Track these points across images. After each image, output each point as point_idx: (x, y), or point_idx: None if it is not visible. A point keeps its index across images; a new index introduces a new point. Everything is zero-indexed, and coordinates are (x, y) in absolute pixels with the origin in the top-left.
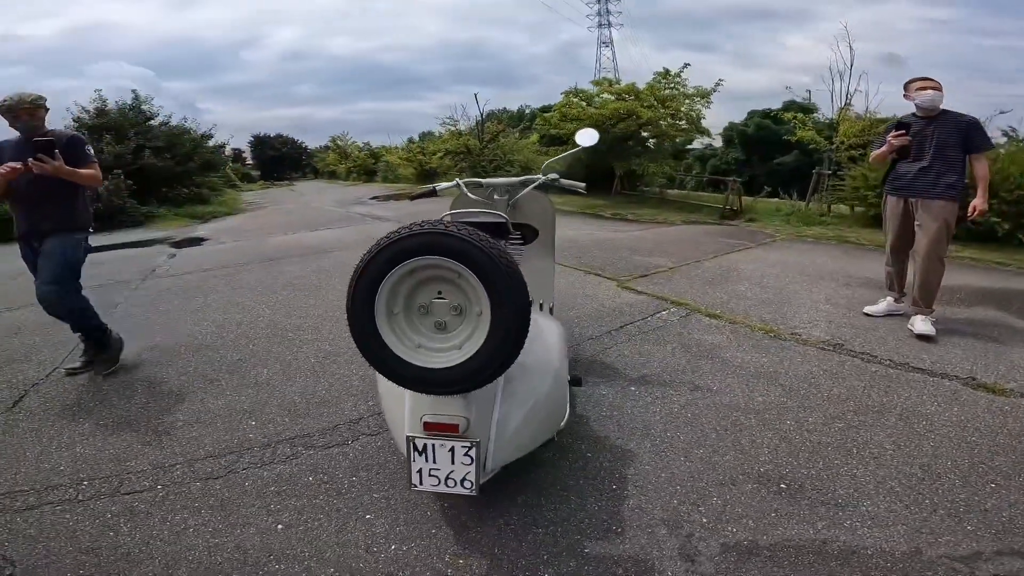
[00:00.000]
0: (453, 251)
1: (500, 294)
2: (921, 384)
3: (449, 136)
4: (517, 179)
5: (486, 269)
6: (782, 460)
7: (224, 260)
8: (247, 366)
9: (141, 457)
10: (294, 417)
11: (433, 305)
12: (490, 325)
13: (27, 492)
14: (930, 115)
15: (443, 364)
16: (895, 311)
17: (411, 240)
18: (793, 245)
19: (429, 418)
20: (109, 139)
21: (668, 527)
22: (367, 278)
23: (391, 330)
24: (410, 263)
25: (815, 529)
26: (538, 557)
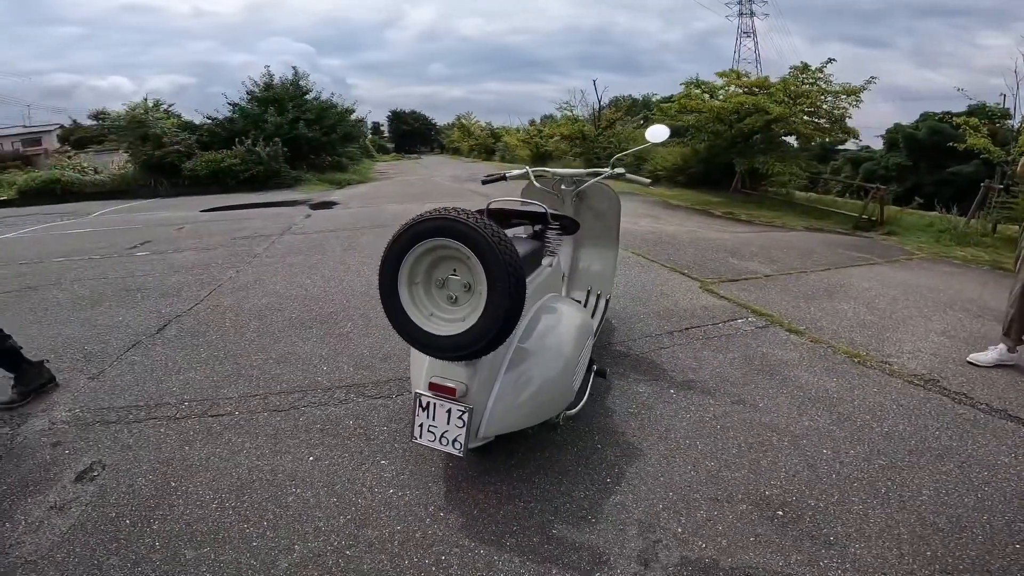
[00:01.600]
0: (461, 235)
1: (495, 277)
2: (1010, 435)
3: (565, 121)
4: (584, 171)
5: (485, 253)
6: (795, 487)
7: (346, 223)
8: (336, 319)
9: (234, 386)
10: (358, 368)
11: (448, 281)
12: (484, 303)
13: (141, 407)
14: None
15: (447, 332)
16: (1006, 361)
17: (430, 223)
18: (933, 266)
19: (435, 379)
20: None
21: (640, 528)
22: (395, 251)
23: (411, 298)
24: (428, 242)
25: (786, 562)
26: (508, 527)
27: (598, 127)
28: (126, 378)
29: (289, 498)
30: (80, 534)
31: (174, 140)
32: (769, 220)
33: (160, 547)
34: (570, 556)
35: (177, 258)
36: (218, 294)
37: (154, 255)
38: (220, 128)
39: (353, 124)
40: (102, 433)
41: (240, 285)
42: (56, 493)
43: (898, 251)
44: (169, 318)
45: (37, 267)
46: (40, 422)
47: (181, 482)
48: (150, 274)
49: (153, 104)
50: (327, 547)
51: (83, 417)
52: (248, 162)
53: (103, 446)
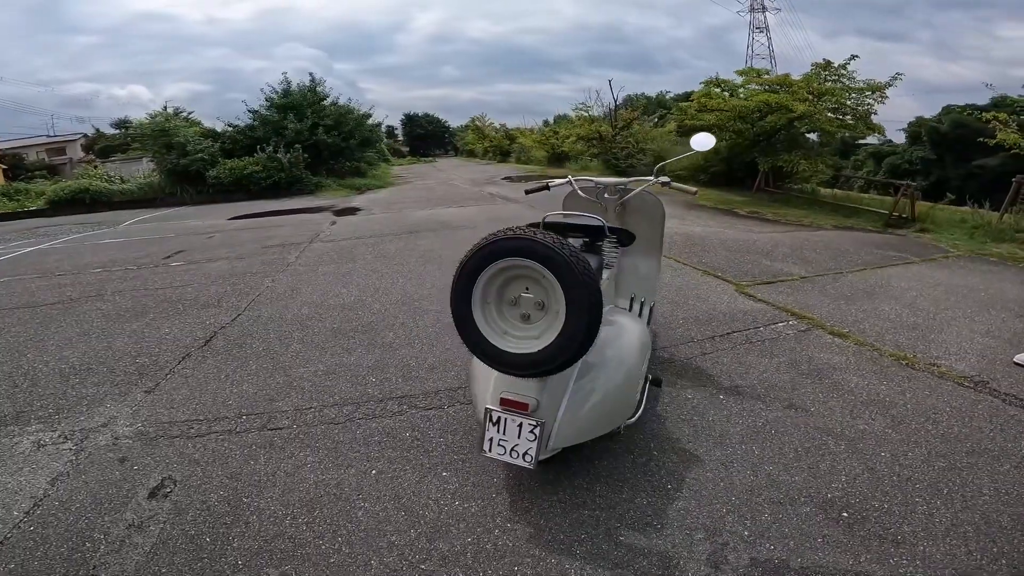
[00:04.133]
0: (540, 256)
1: (574, 297)
2: None
3: (581, 122)
4: (628, 180)
5: (565, 276)
6: (856, 490)
7: (372, 230)
8: (377, 328)
9: (287, 399)
10: (406, 379)
11: (521, 299)
12: (563, 324)
13: (201, 421)
14: None
15: (521, 350)
16: None
17: (507, 243)
18: (971, 264)
19: (506, 395)
20: (292, 117)
21: (706, 532)
22: (468, 270)
23: (483, 316)
24: (503, 262)
25: (856, 561)
26: (576, 535)
27: (615, 127)
28: (182, 392)
29: (359, 512)
30: (164, 553)
31: (198, 148)
32: (797, 219)
33: (243, 565)
34: (640, 561)
35: (212, 267)
36: (258, 304)
37: (190, 265)
38: (242, 135)
39: (371, 129)
40: (167, 448)
41: (278, 295)
42: (132, 511)
43: (934, 249)
44: (214, 329)
45: (76, 278)
46: (103, 438)
47: (253, 498)
48: (189, 284)
49: (174, 112)
50: (402, 562)
51: (146, 432)
52: (270, 169)
53: (171, 461)
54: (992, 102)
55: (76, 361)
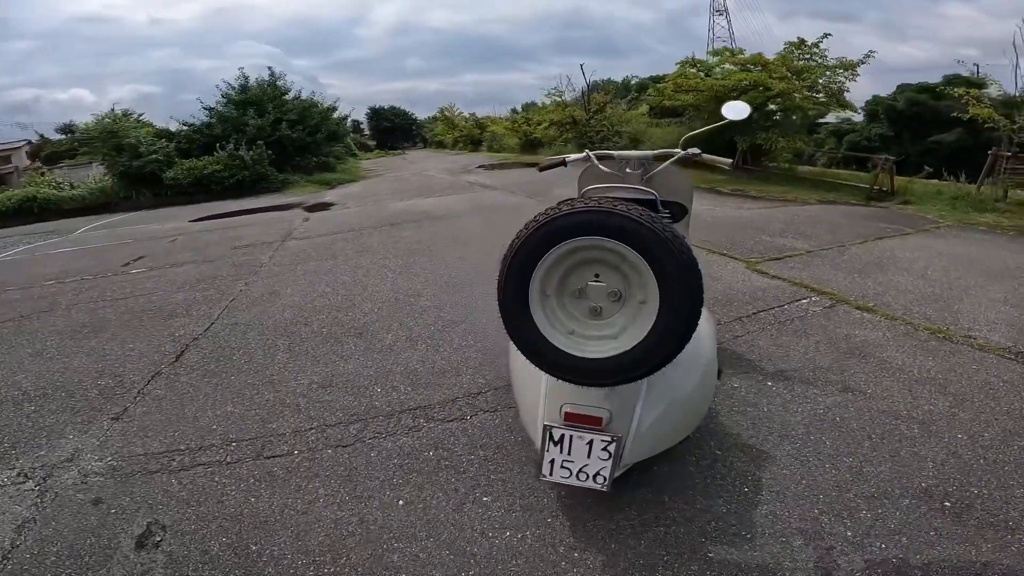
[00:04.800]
0: (623, 233)
1: (672, 285)
2: None
3: (554, 107)
4: (652, 152)
5: (659, 256)
6: (948, 476)
7: (349, 224)
8: (373, 330)
9: (282, 419)
10: (415, 387)
11: (589, 288)
12: (656, 317)
13: (183, 451)
14: None
15: (596, 354)
16: None
17: (576, 217)
18: (964, 234)
19: (570, 408)
20: (252, 113)
21: (805, 537)
22: (524, 255)
23: (543, 313)
24: (572, 242)
25: (977, 551)
26: (656, 557)
27: (588, 111)
28: (155, 416)
29: (394, 556)
30: None
31: (151, 149)
32: (780, 195)
33: None
34: None
35: (177, 273)
36: (233, 310)
37: (152, 271)
38: (198, 134)
39: (337, 123)
40: (147, 486)
41: (254, 299)
42: (119, 566)
43: (922, 220)
44: (186, 342)
45: (28, 292)
46: (69, 475)
47: (263, 544)
48: (153, 292)
49: (122, 114)
50: None
51: (120, 467)
52: (232, 167)
53: (154, 502)
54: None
55: (30, 386)
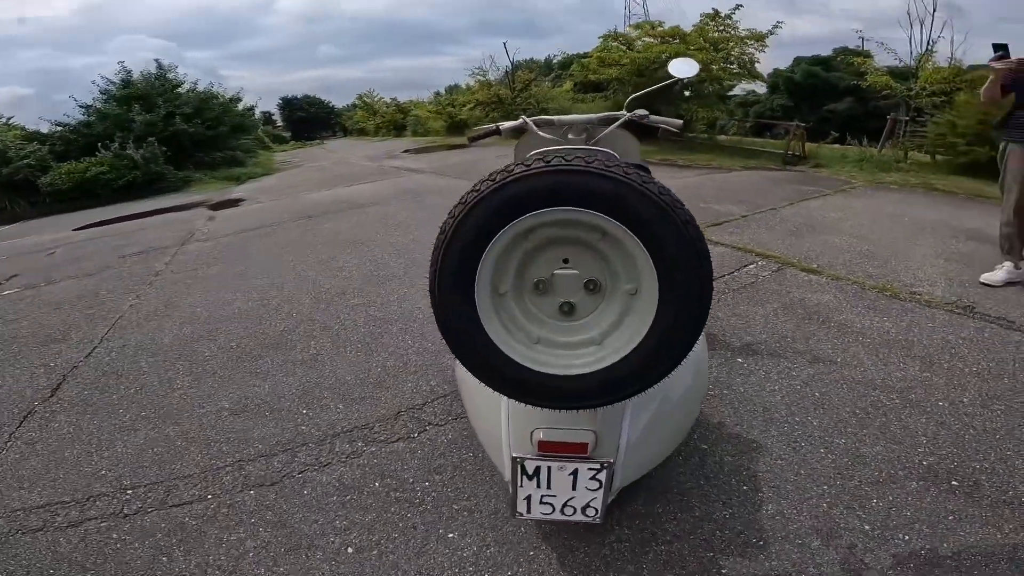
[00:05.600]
0: (603, 199)
1: (675, 267)
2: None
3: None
4: (597, 115)
5: (656, 229)
6: (945, 451)
7: (262, 220)
8: (292, 338)
9: (186, 457)
10: (349, 403)
11: (555, 279)
12: (656, 312)
13: (68, 504)
14: None
15: (575, 368)
16: (1015, 279)
17: (535, 181)
18: (876, 193)
19: (545, 434)
20: (138, 108)
21: (822, 537)
22: (464, 242)
23: (498, 318)
24: (530, 217)
25: (1003, 533)
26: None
27: (514, 90)
28: (31, 464)
29: None
30: None
31: (21, 154)
32: (706, 163)
33: None
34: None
35: (54, 291)
36: (120, 330)
37: (25, 291)
38: (75, 135)
39: (242, 114)
40: (29, 547)
41: (147, 314)
42: None
43: (838, 181)
44: (63, 372)
45: None
46: None
47: None
48: (24, 317)
49: None
50: None
51: None
52: (120, 168)
53: (42, 567)
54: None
55: None
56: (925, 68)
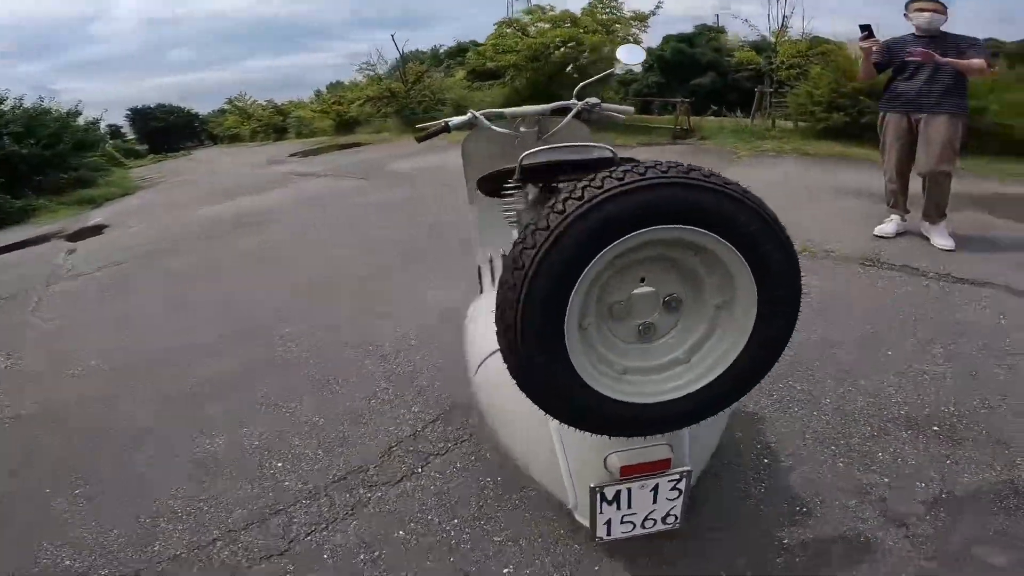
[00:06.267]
0: (715, 217)
1: (777, 282)
2: (972, 297)
3: (369, 82)
4: (548, 106)
5: (764, 247)
6: (913, 399)
7: (140, 247)
8: (229, 384)
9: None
10: (328, 447)
11: (633, 299)
12: (754, 326)
13: None
14: (931, 35)
15: (667, 393)
16: (904, 229)
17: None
18: (761, 160)
19: (624, 458)
20: None
21: (856, 496)
22: (549, 277)
23: (586, 358)
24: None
25: (994, 471)
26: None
27: (407, 83)
28: None
29: None
30: None
31: None
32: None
33: None
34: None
35: None
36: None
37: None
38: None
39: (85, 129)
40: None
41: (31, 375)
42: None
43: (725, 152)
44: None
45: None
46: None
47: None
48: None
49: None
50: None
51: None
52: None
53: None
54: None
55: None
56: (782, 43)
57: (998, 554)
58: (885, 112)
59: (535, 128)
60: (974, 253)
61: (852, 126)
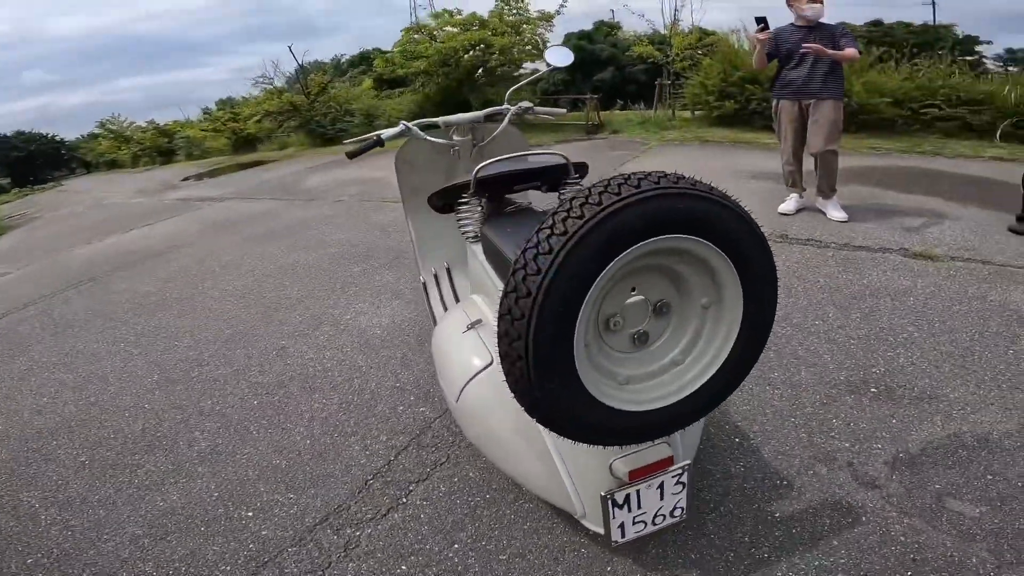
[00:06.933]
0: (712, 226)
1: (760, 283)
2: (874, 262)
3: (266, 96)
4: (482, 112)
5: (751, 253)
6: (845, 364)
7: (19, 296)
8: (167, 434)
9: None
10: (299, 490)
11: (626, 309)
12: (742, 322)
13: None
14: (810, 24)
15: (667, 397)
16: (803, 205)
17: (642, 208)
18: (668, 149)
19: (629, 462)
20: None
21: (825, 463)
22: (557, 300)
23: (592, 374)
24: (635, 250)
25: (934, 425)
26: (740, 547)
27: (309, 94)
28: None
29: None
30: None
31: None
32: None
33: None
34: (822, 522)
35: None
36: None
37: None
38: None
39: None
40: None
41: None
42: None
43: (637, 143)
44: None
45: None
46: None
47: None
48: None
49: None
50: None
51: None
52: None
53: None
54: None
55: None
56: (675, 36)
57: (969, 505)
58: (778, 99)
59: (469, 136)
60: (865, 222)
61: (742, 112)
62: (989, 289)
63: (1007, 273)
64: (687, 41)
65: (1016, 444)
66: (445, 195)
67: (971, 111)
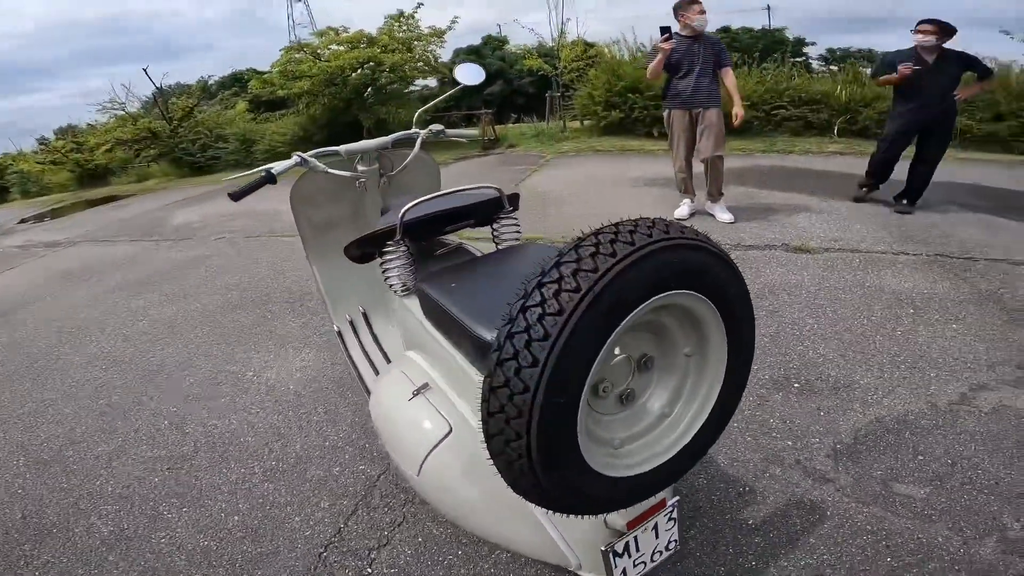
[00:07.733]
0: (707, 278)
1: (742, 327)
2: (765, 259)
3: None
4: (390, 138)
5: (730, 294)
6: (767, 362)
7: None
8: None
9: None
10: (242, 572)
11: (609, 370)
12: (727, 366)
13: None
14: (695, 34)
15: (661, 455)
16: (695, 210)
17: (654, 261)
18: (565, 160)
19: (626, 515)
20: None
21: (776, 463)
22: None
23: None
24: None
25: (856, 412)
26: (727, 560)
27: (171, 120)
28: None
29: None
30: None
31: None
32: None
33: None
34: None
35: None
36: None
37: None
38: None
39: None
40: None
41: None
42: None
43: (535, 157)
44: None
45: None
46: None
47: None
48: None
49: None
50: None
51: None
52: None
53: None
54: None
55: None
56: (563, 48)
57: (914, 487)
58: (670, 110)
59: (376, 165)
60: (751, 222)
61: (626, 121)
62: (864, 276)
63: (873, 259)
64: (574, 53)
65: (931, 423)
66: (363, 244)
67: (811, 110)
